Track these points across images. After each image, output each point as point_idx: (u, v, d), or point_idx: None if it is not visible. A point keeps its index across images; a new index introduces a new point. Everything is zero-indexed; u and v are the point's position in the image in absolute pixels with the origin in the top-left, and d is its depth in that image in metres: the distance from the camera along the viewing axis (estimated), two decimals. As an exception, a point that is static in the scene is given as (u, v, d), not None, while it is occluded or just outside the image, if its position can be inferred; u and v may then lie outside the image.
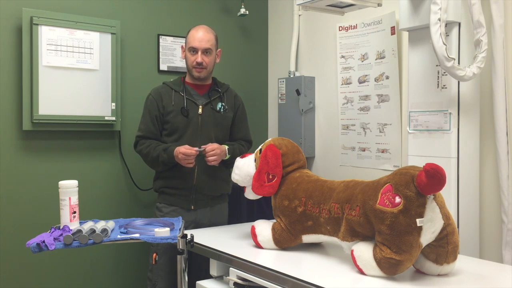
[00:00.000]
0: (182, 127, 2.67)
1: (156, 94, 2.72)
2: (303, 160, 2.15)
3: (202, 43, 2.65)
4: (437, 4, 2.06)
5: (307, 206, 1.93)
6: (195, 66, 2.66)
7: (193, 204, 2.68)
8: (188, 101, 2.69)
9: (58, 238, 1.78)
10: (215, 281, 2.11)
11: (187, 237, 1.90)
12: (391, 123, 2.84)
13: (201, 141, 2.64)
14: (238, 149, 2.75)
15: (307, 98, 3.30)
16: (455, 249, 1.67)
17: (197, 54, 2.65)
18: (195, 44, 2.65)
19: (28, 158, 2.83)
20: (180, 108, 2.66)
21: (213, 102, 2.74)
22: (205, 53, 2.66)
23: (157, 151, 2.61)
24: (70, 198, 1.91)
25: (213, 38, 2.71)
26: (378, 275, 1.65)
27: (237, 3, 3.48)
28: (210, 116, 2.71)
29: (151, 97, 2.73)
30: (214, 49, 2.71)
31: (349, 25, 3.07)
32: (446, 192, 1.94)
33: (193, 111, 2.68)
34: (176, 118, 2.66)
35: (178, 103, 2.68)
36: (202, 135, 2.67)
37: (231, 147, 2.72)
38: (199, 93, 2.75)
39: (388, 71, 2.84)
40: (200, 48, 2.65)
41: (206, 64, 2.67)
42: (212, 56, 2.71)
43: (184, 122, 2.66)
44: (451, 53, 2.09)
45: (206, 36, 2.67)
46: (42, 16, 2.77)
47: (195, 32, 2.68)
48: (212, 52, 2.70)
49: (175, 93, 2.71)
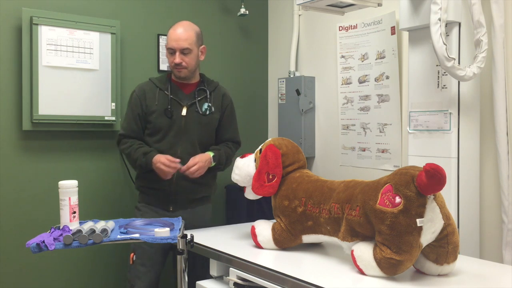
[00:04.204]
0: (164, 129, 2.56)
1: (140, 91, 2.62)
2: (303, 160, 2.15)
3: (180, 43, 2.50)
4: (437, 4, 2.06)
5: (307, 206, 1.93)
6: (174, 67, 2.55)
7: (171, 205, 2.58)
8: (172, 101, 2.57)
9: (58, 238, 1.77)
10: (215, 281, 2.11)
11: (187, 237, 1.90)
12: (391, 123, 2.84)
13: (183, 143, 2.56)
14: (225, 154, 2.64)
15: (307, 98, 3.30)
16: (455, 249, 1.67)
17: (175, 54, 2.52)
18: (172, 44, 2.52)
19: (28, 158, 2.83)
20: (163, 108, 2.56)
21: (198, 103, 2.60)
22: (184, 53, 2.52)
23: (137, 153, 2.51)
24: (70, 198, 1.90)
25: (193, 35, 2.55)
26: (378, 275, 1.65)
27: (237, 3, 3.48)
28: (194, 118, 2.58)
29: (134, 95, 2.62)
30: (194, 47, 2.56)
31: (349, 25, 3.07)
32: (446, 192, 1.94)
33: (177, 112, 2.56)
34: (158, 118, 2.56)
35: (162, 103, 2.57)
36: (185, 137, 2.57)
37: (217, 153, 2.60)
38: (185, 92, 2.63)
39: (388, 71, 2.84)
40: (177, 48, 2.51)
41: (186, 64, 2.54)
42: (193, 54, 2.56)
43: (167, 123, 2.55)
44: (451, 53, 2.09)
45: (183, 35, 2.52)
46: (42, 16, 2.77)
47: (173, 31, 2.55)
48: (192, 51, 2.55)
49: (159, 92, 2.59)
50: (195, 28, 2.60)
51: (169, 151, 2.52)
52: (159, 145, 2.55)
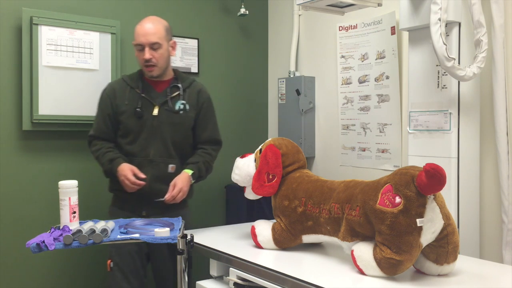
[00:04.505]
0: (135, 130, 2.43)
1: (110, 90, 2.50)
2: (303, 160, 2.15)
3: (148, 38, 2.38)
4: (437, 4, 2.06)
5: (307, 206, 1.93)
6: (145, 65, 2.42)
7: (144, 210, 2.42)
8: (143, 100, 2.44)
9: (58, 238, 1.77)
10: (215, 281, 2.11)
11: (187, 237, 1.89)
12: (391, 123, 2.84)
13: (156, 145, 2.43)
14: (204, 165, 2.49)
15: (307, 98, 3.30)
16: (455, 249, 1.67)
17: (144, 50, 2.39)
18: (139, 39, 2.39)
19: (28, 158, 2.83)
20: (133, 108, 2.43)
21: (171, 101, 2.46)
22: (153, 49, 2.39)
23: (104, 158, 2.41)
24: (70, 198, 1.90)
25: (162, 29, 2.42)
26: (378, 275, 1.65)
27: (237, 3, 3.48)
28: (166, 118, 2.44)
29: (104, 94, 2.51)
30: (164, 41, 2.42)
31: (349, 25, 3.07)
32: (446, 192, 1.94)
33: (148, 112, 2.44)
34: (129, 119, 2.43)
35: (132, 102, 2.44)
36: (157, 139, 2.44)
37: (195, 168, 2.44)
38: (157, 90, 2.49)
39: (388, 71, 2.84)
40: (145, 44, 2.38)
41: (156, 60, 2.40)
42: (163, 49, 2.42)
43: (138, 124, 2.43)
44: (451, 53, 2.09)
45: (151, 29, 2.39)
46: (42, 16, 2.77)
47: (140, 27, 2.42)
48: (162, 46, 2.41)
49: (130, 90, 2.46)
50: (163, 22, 2.48)
51: (141, 153, 2.43)
52: (131, 147, 2.45)
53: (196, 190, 3.42)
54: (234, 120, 3.62)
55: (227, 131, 3.59)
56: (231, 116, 3.60)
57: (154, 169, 2.42)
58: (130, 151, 2.45)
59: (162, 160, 2.44)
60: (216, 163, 3.48)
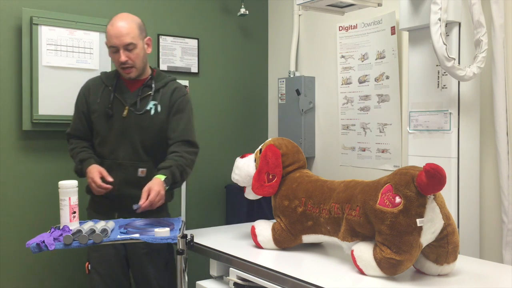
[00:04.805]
0: (104, 131, 2.34)
1: (85, 87, 2.42)
2: (303, 160, 2.15)
3: (121, 39, 2.24)
4: (437, 4, 2.06)
5: (307, 206, 1.93)
6: (121, 67, 2.30)
7: (117, 213, 2.30)
8: (115, 99, 2.34)
9: (58, 238, 1.78)
10: (215, 281, 2.11)
11: (187, 237, 1.90)
12: (391, 123, 2.84)
13: (124, 148, 2.32)
14: (178, 169, 2.24)
15: (307, 98, 3.30)
16: (455, 249, 1.67)
17: (119, 52, 2.26)
18: (113, 41, 2.26)
19: (28, 158, 2.83)
20: (104, 108, 2.33)
21: (141, 102, 2.34)
22: (128, 50, 2.26)
23: (76, 158, 2.33)
24: (70, 198, 1.91)
25: (135, 28, 2.29)
26: (378, 275, 1.65)
27: (237, 3, 3.48)
28: (135, 119, 2.31)
29: (80, 91, 2.43)
30: (138, 40, 2.29)
31: (349, 25, 3.07)
32: (446, 192, 1.94)
33: (118, 113, 2.32)
34: (98, 119, 2.35)
35: (104, 102, 2.34)
36: (125, 141, 2.32)
37: (168, 172, 2.20)
38: (130, 90, 2.37)
39: (388, 71, 2.84)
40: (119, 45, 2.25)
41: (132, 61, 2.28)
42: (138, 49, 2.29)
43: (107, 125, 2.33)
44: (451, 53, 2.09)
45: (124, 29, 2.25)
46: (42, 16, 2.77)
47: (111, 28, 2.28)
48: (137, 45, 2.28)
49: (104, 89, 2.37)
50: (135, 20, 2.34)
51: (110, 156, 2.33)
52: (101, 149, 2.36)
53: (196, 190, 3.44)
54: (234, 120, 3.62)
55: (227, 131, 3.60)
56: (231, 116, 3.60)
57: (123, 172, 2.31)
58: (101, 153, 2.36)
59: (131, 164, 2.32)
60: (216, 163, 3.50)
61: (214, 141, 3.52)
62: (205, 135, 3.46)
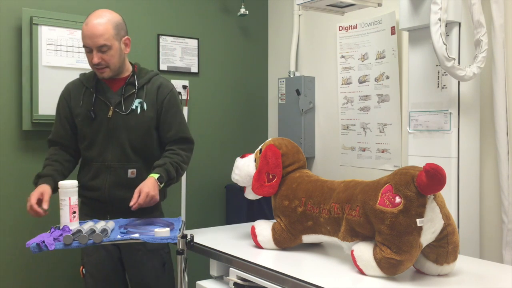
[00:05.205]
0: (90, 134, 2.26)
1: (66, 91, 2.33)
2: (303, 160, 2.15)
3: (94, 40, 2.14)
4: (437, 4, 2.06)
5: (307, 206, 1.93)
6: (95, 67, 2.21)
7: (109, 215, 2.22)
8: (98, 100, 2.25)
9: (58, 238, 1.78)
10: (215, 281, 2.11)
11: (187, 237, 1.90)
12: (391, 123, 2.84)
13: (112, 150, 2.25)
14: (173, 167, 2.22)
15: (307, 98, 3.30)
16: (455, 249, 1.67)
17: (92, 53, 2.17)
18: (85, 41, 2.16)
19: (28, 158, 2.83)
20: (87, 110, 2.24)
21: (126, 101, 2.25)
22: (102, 51, 2.16)
23: (42, 169, 2.23)
24: (70, 198, 1.91)
25: (109, 28, 2.16)
26: (378, 275, 1.65)
27: (237, 3, 3.48)
28: (121, 120, 2.24)
29: (61, 95, 2.34)
30: (114, 41, 2.18)
31: (349, 25, 3.07)
32: (446, 192, 1.94)
33: (102, 114, 2.24)
34: (83, 122, 2.26)
35: (87, 104, 2.25)
36: (112, 143, 2.25)
37: (162, 170, 2.18)
38: (113, 89, 2.28)
39: (388, 71, 2.84)
40: (92, 47, 2.16)
41: (106, 62, 2.18)
42: (113, 50, 2.18)
43: (93, 128, 2.25)
44: (451, 53, 2.09)
45: (97, 30, 2.14)
46: (42, 16, 2.77)
47: (85, 27, 2.16)
48: (112, 47, 2.17)
49: (86, 91, 2.28)
50: (112, 19, 2.21)
51: (98, 159, 2.26)
52: (89, 152, 2.28)
53: (196, 190, 3.44)
54: (234, 120, 3.62)
55: (227, 131, 3.60)
56: (231, 116, 3.60)
57: (112, 175, 2.25)
58: (88, 156, 2.29)
59: (120, 165, 2.26)
60: (216, 163, 3.50)
61: (214, 141, 3.52)
62: (205, 135, 3.47)
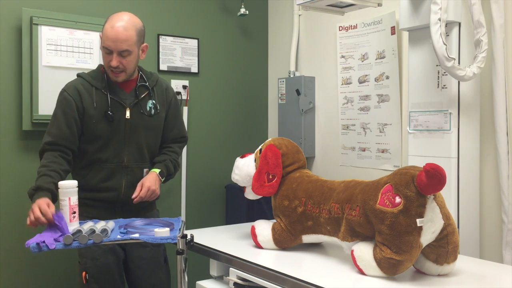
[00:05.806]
0: (106, 135, 2.24)
1: (73, 91, 2.23)
2: (303, 160, 2.15)
3: (118, 44, 2.15)
4: (437, 4, 2.06)
5: (307, 206, 1.93)
6: (110, 69, 2.21)
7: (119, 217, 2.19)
8: (113, 102, 2.24)
9: (58, 238, 1.77)
10: (215, 281, 2.11)
11: (187, 237, 1.89)
12: (391, 123, 2.84)
13: (129, 150, 2.28)
14: (172, 162, 2.37)
15: (307, 98, 3.30)
16: (455, 249, 1.67)
17: (112, 55, 2.17)
18: (108, 44, 2.16)
19: (28, 158, 2.83)
20: (103, 111, 2.22)
21: (141, 102, 2.30)
22: (122, 56, 2.18)
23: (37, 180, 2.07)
24: (70, 198, 1.90)
25: (133, 35, 2.19)
26: (378, 275, 1.65)
27: (237, 3, 3.48)
28: (139, 120, 2.28)
29: (66, 95, 2.23)
30: (134, 48, 2.21)
31: (349, 25, 3.07)
32: (446, 192, 1.94)
33: (119, 115, 2.24)
34: (99, 124, 2.22)
35: (101, 105, 2.23)
36: (130, 143, 2.28)
37: (162, 165, 2.32)
38: (125, 90, 2.29)
39: (388, 71, 2.84)
40: (114, 50, 2.16)
41: (124, 67, 2.20)
42: (133, 56, 2.21)
43: (109, 129, 2.23)
44: (451, 53, 2.09)
45: (123, 35, 2.15)
46: (42, 16, 2.77)
47: (110, 30, 2.16)
48: (132, 52, 2.20)
49: (96, 91, 2.24)
50: (136, 25, 2.24)
51: (114, 160, 2.26)
52: (102, 154, 2.25)
53: (196, 190, 3.44)
54: (234, 120, 3.62)
55: (227, 131, 3.60)
56: (231, 116, 3.60)
57: (129, 175, 2.28)
58: (101, 158, 2.26)
59: (137, 165, 2.30)
60: (216, 163, 3.50)
61: (214, 141, 3.52)
62: (205, 135, 3.47)
